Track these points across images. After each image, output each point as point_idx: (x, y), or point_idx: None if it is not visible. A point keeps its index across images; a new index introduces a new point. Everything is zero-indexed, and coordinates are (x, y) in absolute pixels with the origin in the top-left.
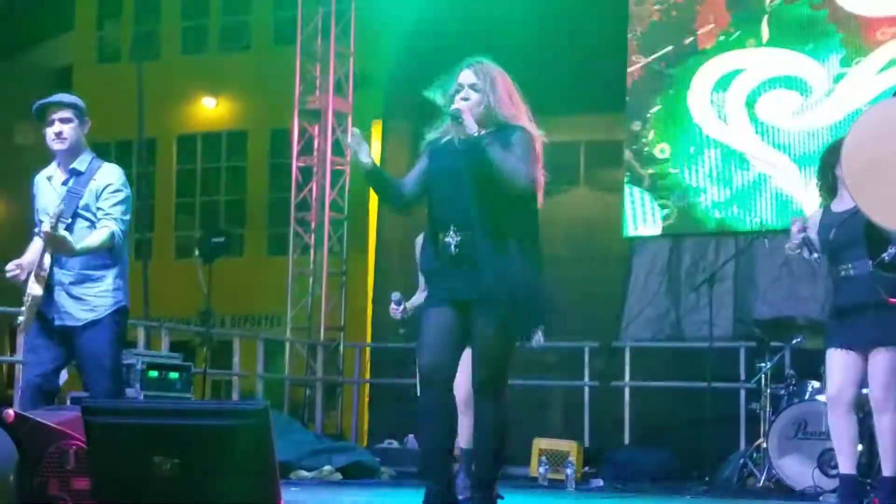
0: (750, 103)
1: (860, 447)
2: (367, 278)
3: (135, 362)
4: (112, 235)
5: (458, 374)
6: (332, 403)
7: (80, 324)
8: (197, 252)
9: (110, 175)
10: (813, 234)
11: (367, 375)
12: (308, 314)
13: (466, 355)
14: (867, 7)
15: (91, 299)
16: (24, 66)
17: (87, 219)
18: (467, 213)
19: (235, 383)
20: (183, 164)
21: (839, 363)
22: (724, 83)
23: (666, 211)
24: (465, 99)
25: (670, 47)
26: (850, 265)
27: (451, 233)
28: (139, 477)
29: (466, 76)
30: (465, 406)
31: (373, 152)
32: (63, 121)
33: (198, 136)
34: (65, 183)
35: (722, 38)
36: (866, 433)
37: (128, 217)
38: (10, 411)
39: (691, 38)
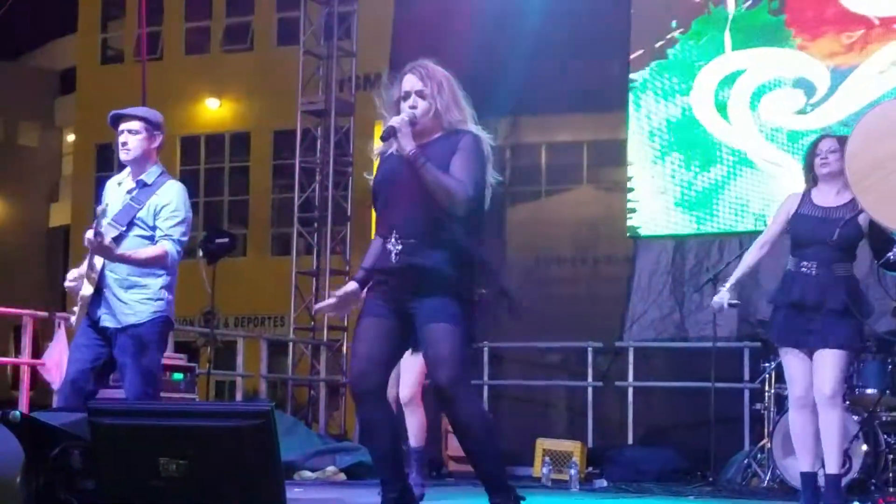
0: (753, 103)
1: (864, 447)
2: None
3: None
4: (167, 255)
5: (404, 375)
6: (335, 404)
7: (121, 326)
8: (200, 252)
9: (171, 193)
10: (783, 218)
11: None
12: (311, 314)
13: (410, 358)
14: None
15: (134, 304)
16: (27, 67)
17: (142, 229)
18: (409, 220)
19: (239, 384)
20: (186, 165)
21: (799, 365)
22: (727, 83)
23: None
24: (413, 107)
25: (641, 51)
26: (813, 264)
27: (394, 240)
28: (145, 478)
29: (412, 82)
30: (409, 407)
31: (375, 153)
32: (130, 132)
33: (201, 137)
34: (130, 191)
35: (691, 42)
36: (871, 433)
37: (186, 238)
38: (17, 412)
39: (660, 43)
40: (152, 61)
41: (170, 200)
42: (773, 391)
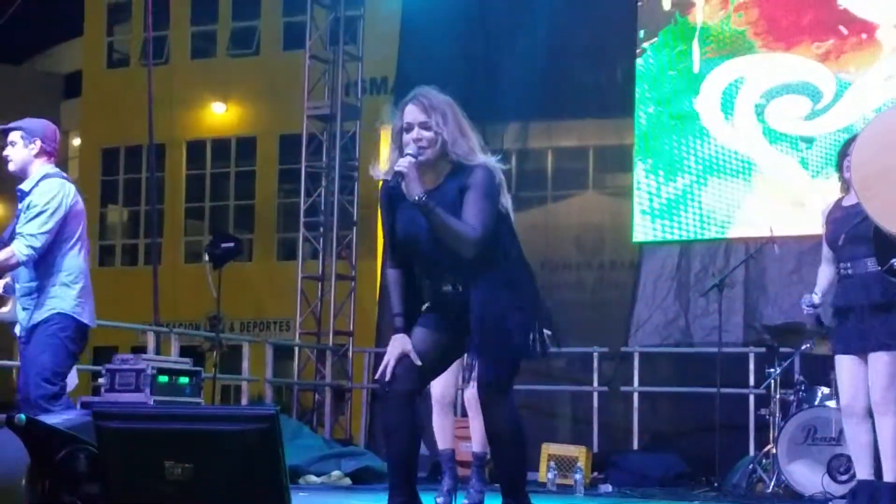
0: (759, 108)
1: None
2: (375, 283)
3: (145, 367)
4: (12, 255)
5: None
6: (340, 408)
7: (25, 332)
8: (206, 257)
9: (36, 193)
10: (824, 230)
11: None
12: (317, 319)
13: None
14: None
15: (31, 309)
16: (33, 71)
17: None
18: (452, 259)
19: (244, 388)
20: (192, 169)
21: (847, 372)
22: (733, 88)
23: None
24: (418, 139)
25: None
26: (848, 264)
27: (447, 282)
28: (150, 481)
29: (413, 113)
30: (475, 411)
31: (381, 157)
32: (10, 144)
33: (207, 142)
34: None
35: (664, 53)
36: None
37: (45, 229)
38: (22, 416)
39: (639, 50)
40: (158, 65)
41: (32, 199)
42: (778, 396)
